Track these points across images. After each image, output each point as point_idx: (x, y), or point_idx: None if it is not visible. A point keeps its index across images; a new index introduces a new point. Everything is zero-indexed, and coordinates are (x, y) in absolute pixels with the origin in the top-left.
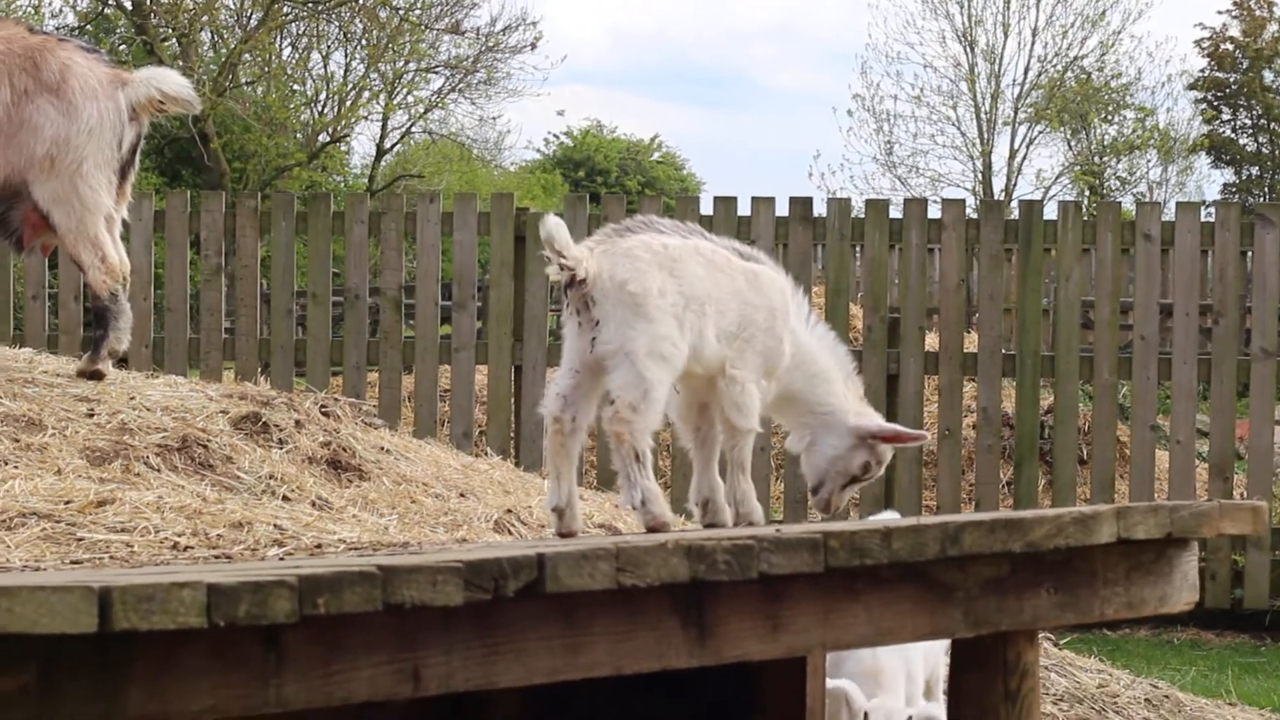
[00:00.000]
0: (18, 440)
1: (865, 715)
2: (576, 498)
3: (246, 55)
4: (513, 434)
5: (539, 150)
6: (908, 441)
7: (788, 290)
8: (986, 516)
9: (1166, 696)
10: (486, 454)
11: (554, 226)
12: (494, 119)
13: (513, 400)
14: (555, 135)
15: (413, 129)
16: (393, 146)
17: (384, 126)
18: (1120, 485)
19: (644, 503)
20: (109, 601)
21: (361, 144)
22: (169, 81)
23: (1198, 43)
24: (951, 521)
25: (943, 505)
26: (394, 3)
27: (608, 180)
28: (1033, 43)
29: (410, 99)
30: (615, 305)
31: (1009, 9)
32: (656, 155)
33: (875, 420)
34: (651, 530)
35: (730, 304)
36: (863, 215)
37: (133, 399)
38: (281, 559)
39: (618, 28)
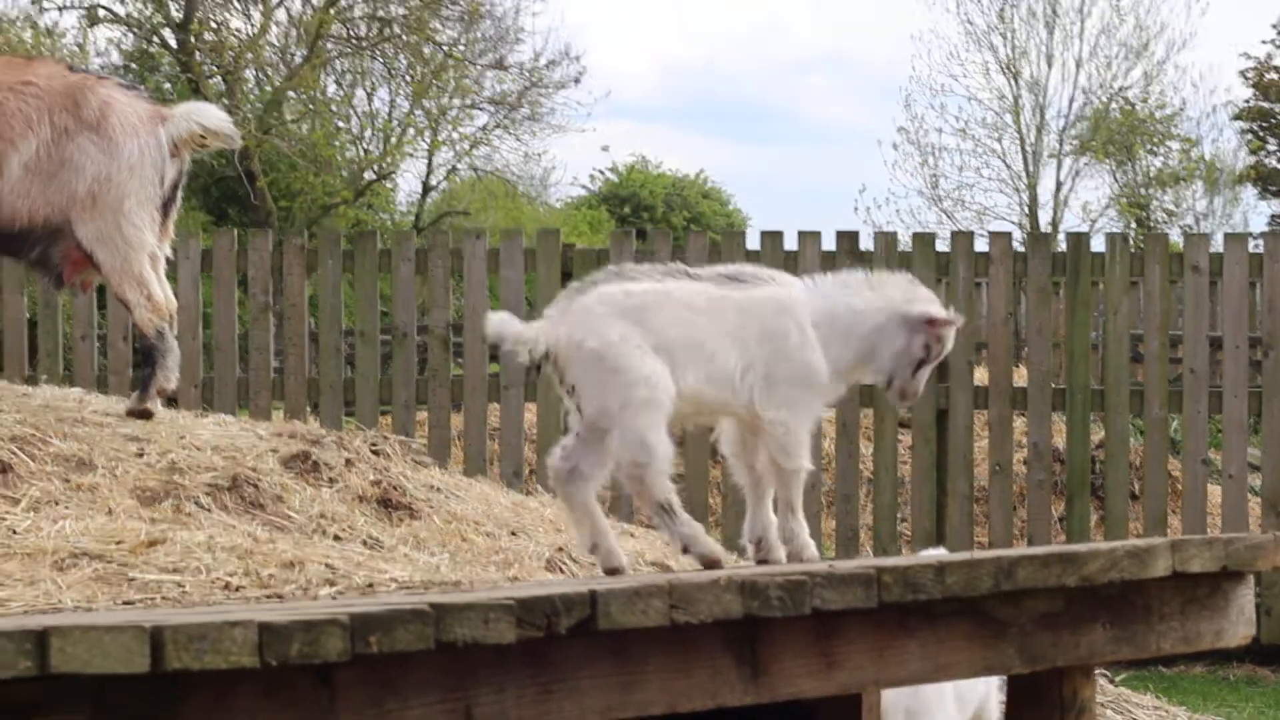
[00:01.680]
0: (68, 480)
1: None
2: (607, 535)
3: (291, 93)
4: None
5: (584, 186)
6: (944, 325)
7: (796, 299)
8: (1040, 551)
9: None
10: (537, 492)
11: (495, 324)
12: (539, 155)
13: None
14: (600, 171)
15: (458, 166)
16: (438, 183)
17: (429, 163)
18: (1173, 520)
19: (687, 548)
20: (161, 641)
21: (407, 181)
22: (209, 116)
23: (1242, 73)
24: (1005, 556)
25: (994, 542)
26: (438, 39)
27: (653, 216)
28: (1077, 74)
29: (455, 135)
30: (580, 368)
31: (1052, 40)
32: (702, 190)
33: (922, 305)
34: (707, 567)
35: (721, 344)
36: (909, 249)
37: (182, 438)
38: (334, 598)
39: (661, 62)
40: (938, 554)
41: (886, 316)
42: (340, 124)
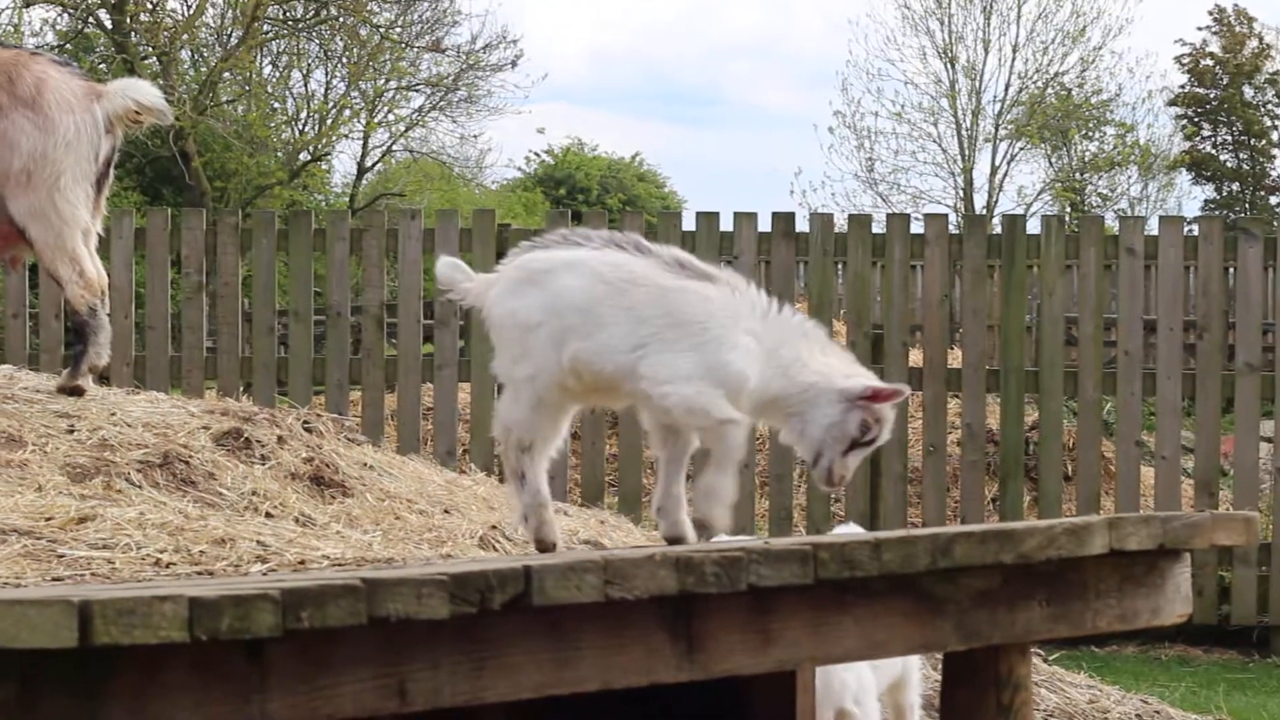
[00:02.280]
0: None
1: None
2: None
3: (226, 74)
4: (496, 451)
5: (520, 169)
6: (887, 399)
7: (735, 306)
8: (978, 528)
9: (1157, 712)
10: (470, 470)
11: (445, 268)
12: (475, 137)
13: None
14: (536, 154)
15: (394, 147)
16: (374, 165)
17: (365, 145)
18: (1106, 501)
19: (526, 517)
20: (89, 615)
21: (343, 163)
22: (143, 92)
23: (1178, 59)
24: (942, 533)
25: (928, 522)
26: (374, 21)
27: (589, 198)
28: (1013, 59)
29: (391, 117)
30: (491, 332)
31: (989, 25)
32: (637, 173)
33: (863, 380)
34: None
35: (615, 318)
36: (845, 231)
37: (113, 415)
38: (265, 575)
39: (596, 46)
40: (851, 532)
41: (827, 383)
42: (276, 105)
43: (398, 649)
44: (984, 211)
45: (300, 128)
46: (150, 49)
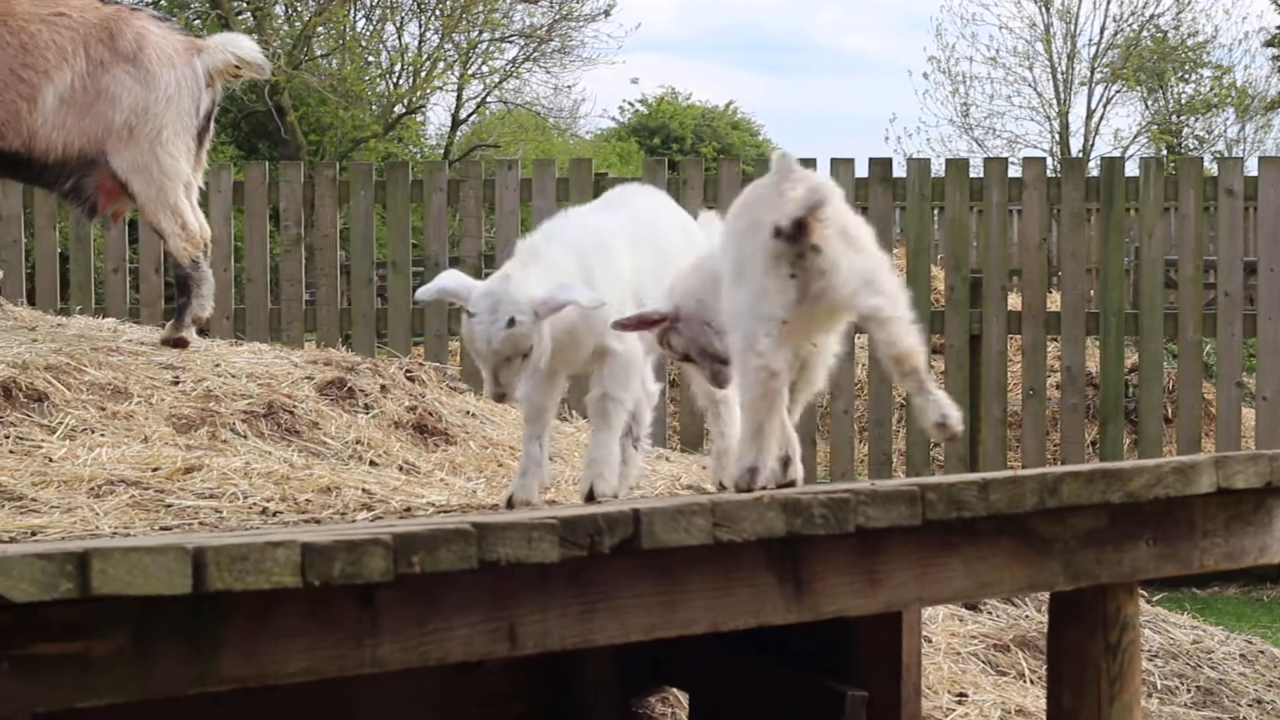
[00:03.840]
0: (104, 409)
1: None
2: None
3: (321, 28)
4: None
5: (614, 119)
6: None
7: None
8: (1084, 468)
9: (1261, 652)
10: (571, 418)
11: (790, 156)
12: (569, 88)
13: None
14: (630, 103)
15: (488, 99)
16: (468, 117)
17: (459, 97)
18: (1206, 443)
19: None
20: (203, 562)
21: (437, 115)
22: (243, 46)
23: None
24: (1050, 473)
25: (1028, 465)
26: None
27: (683, 147)
28: (1108, 2)
29: (485, 69)
30: (851, 252)
31: None
32: (731, 121)
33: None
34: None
35: None
36: (942, 176)
37: (217, 366)
38: (372, 522)
39: None
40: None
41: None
42: (370, 58)
43: (507, 593)
44: (1081, 155)
45: (394, 81)
46: (245, 4)
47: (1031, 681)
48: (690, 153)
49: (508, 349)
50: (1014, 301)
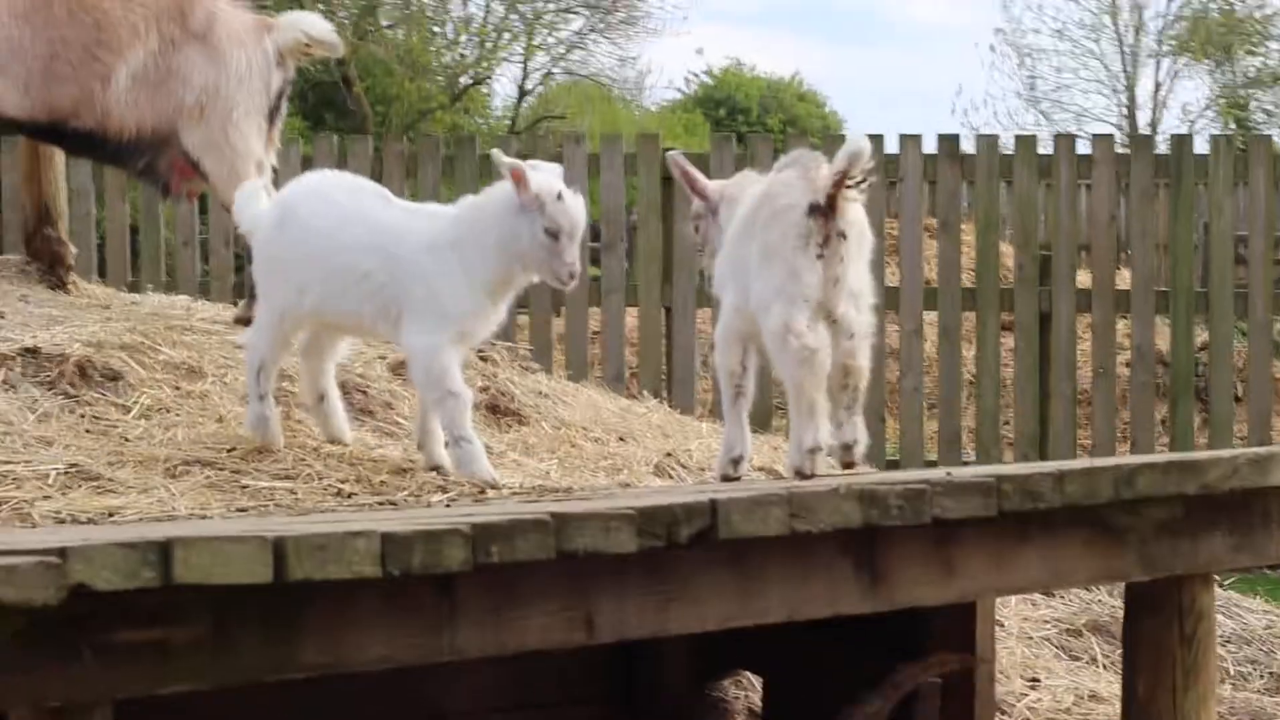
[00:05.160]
0: (179, 388)
1: None
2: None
3: None
4: (664, 375)
5: (679, 90)
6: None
7: None
8: (1160, 458)
9: None
10: (641, 397)
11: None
12: (634, 59)
13: (664, 341)
14: (695, 74)
15: (553, 70)
16: (534, 88)
17: (525, 68)
18: (1277, 423)
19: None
20: (284, 552)
21: (503, 86)
22: (314, 25)
23: None
24: (1125, 464)
25: (1098, 443)
26: None
27: (749, 119)
28: None
29: (550, 39)
30: (860, 245)
31: None
32: (797, 93)
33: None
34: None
35: None
36: (1011, 152)
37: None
38: (447, 505)
39: None
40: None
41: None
42: (436, 29)
43: (584, 582)
44: (1147, 129)
45: (460, 52)
46: None
47: (1104, 667)
48: (756, 124)
49: None
50: (1083, 279)
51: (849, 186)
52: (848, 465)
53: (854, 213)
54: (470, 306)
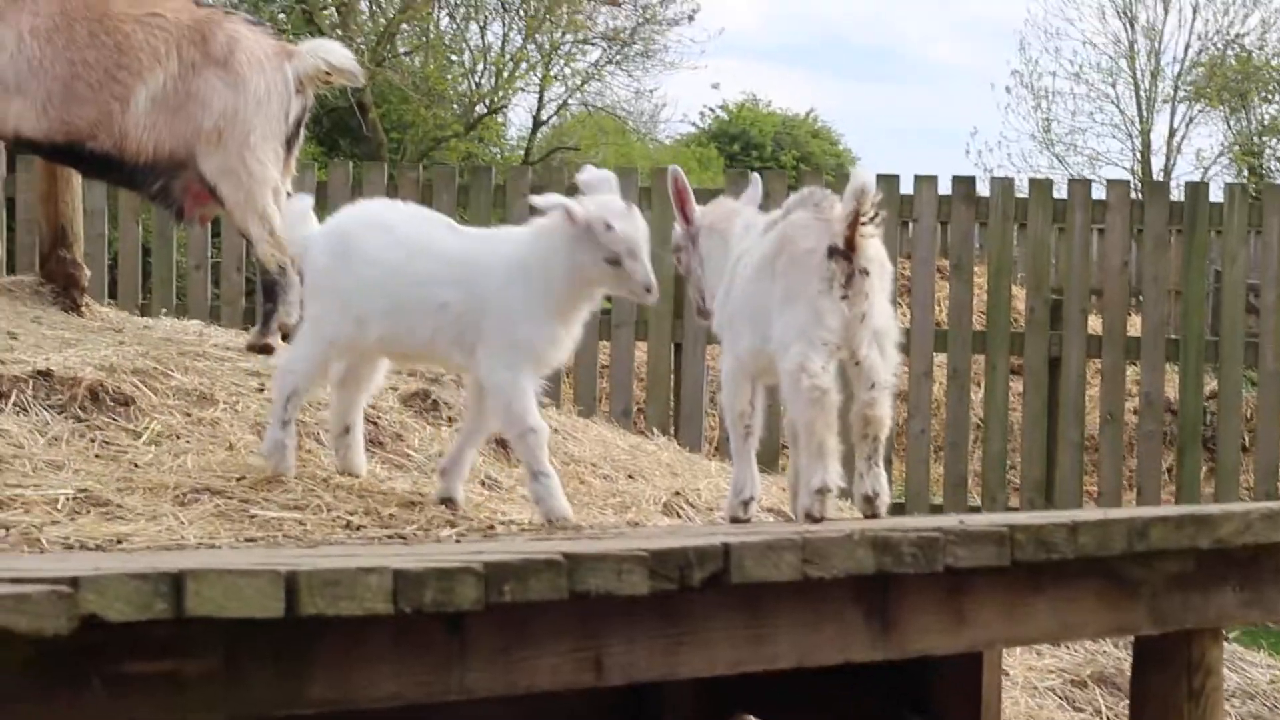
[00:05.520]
0: (190, 415)
1: None
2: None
3: (405, 25)
4: (672, 412)
5: (694, 124)
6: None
7: None
8: (1174, 512)
9: None
10: (651, 433)
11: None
12: (650, 92)
13: (672, 377)
14: (710, 109)
15: (569, 101)
16: (549, 118)
17: (540, 98)
18: None
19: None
20: (296, 586)
21: (518, 115)
22: (334, 53)
23: None
24: (1139, 516)
25: (1104, 491)
26: None
27: (763, 154)
28: (1193, 20)
29: (567, 71)
30: (881, 279)
31: None
32: (811, 129)
33: None
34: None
35: None
36: (1026, 195)
37: None
38: (456, 540)
39: (770, 1)
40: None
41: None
42: (453, 57)
43: (595, 623)
44: (1161, 174)
45: (476, 80)
46: (329, 0)
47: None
48: (771, 160)
49: None
50: (1094, 324)
51: (864, 224)
52: (869, 517)
53: (873, 249)
54: (544, 333)
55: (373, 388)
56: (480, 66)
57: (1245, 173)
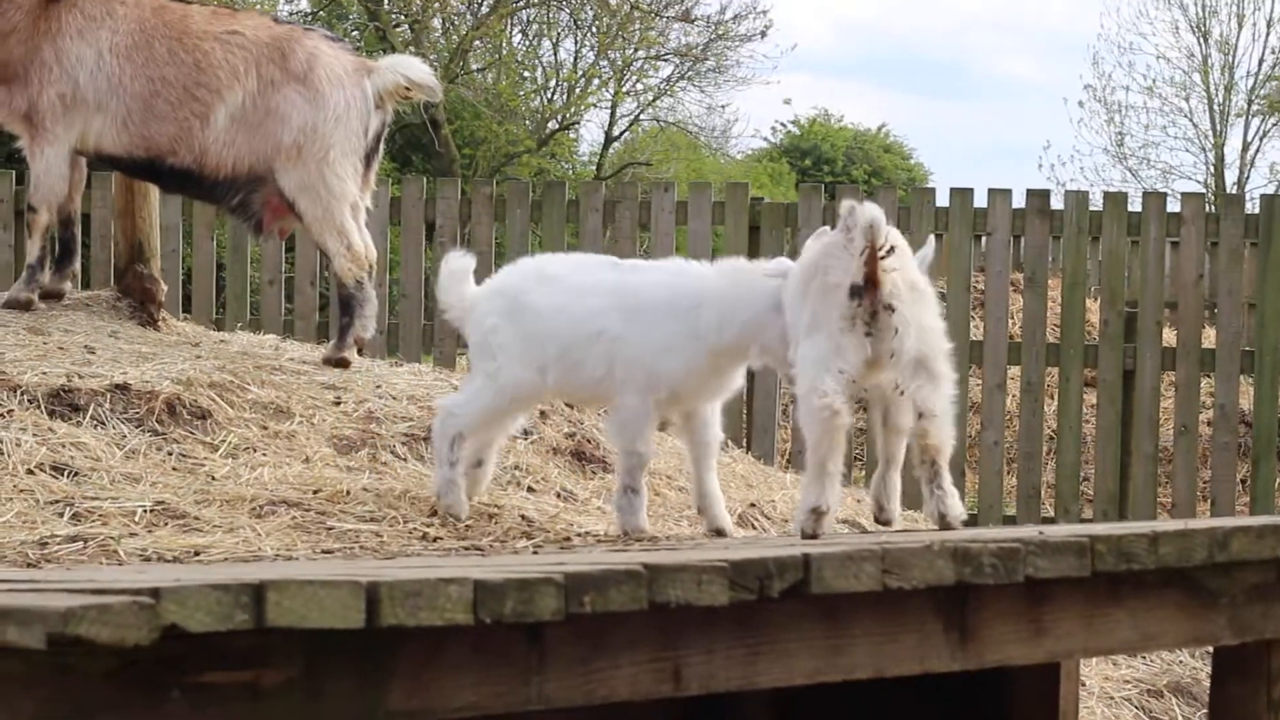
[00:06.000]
0: (266, 428)
1: None
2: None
3: (477, 42)
4: (745, 424)
5: (765, 139)
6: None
7: None
8: (1255, 522)
9: None
10: (726, 446)
11: (876, 213)
12: (722, 107)
13: (745, 390)
14: (782, 124)
15: (641, 116)
16: (621, 134)
17: (613, 114)
18: None
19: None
20: (377, 597)
21: (590, 131)
22: (414, 69)
23: None
24: (1220, 526)
25: (1178, 503)
26: None
27: (834, 169)
28: (1267, 34)
29: (639, 86)
30: (916, 305)
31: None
32: (883, 144)
33: None
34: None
35: None
36: (1100, 208)
37: (378, 387)
38: (534, 551)
39: (841, 16)
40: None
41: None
42: (525, 74)
43: (673, 633)
44: (1234, 188)
45: (549, 96)
46: (403, 16)
47: None
48: (842, 175)
49: None
50: (1169, 337)
51: (883, 258)
52: (945, 529)
53: (894, 282)
54: (683, 368)
55: (513, 430)
56: (552, 83)
57: None
